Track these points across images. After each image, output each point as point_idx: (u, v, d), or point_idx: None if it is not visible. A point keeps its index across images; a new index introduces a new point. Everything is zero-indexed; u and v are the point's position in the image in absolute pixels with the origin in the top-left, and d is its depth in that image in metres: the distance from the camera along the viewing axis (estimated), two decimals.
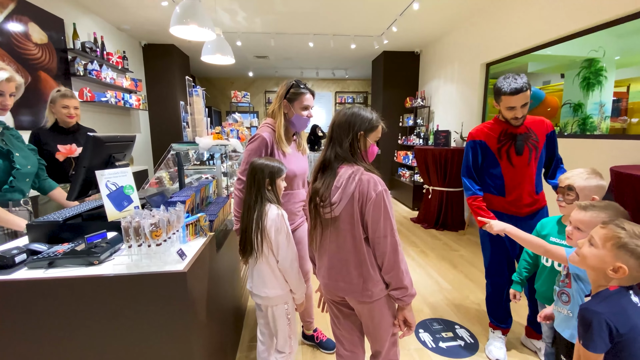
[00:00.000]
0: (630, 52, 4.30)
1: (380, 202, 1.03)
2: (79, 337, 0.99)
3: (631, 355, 0.85)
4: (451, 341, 1.91)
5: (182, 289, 1.01)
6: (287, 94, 1.56)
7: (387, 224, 1.05)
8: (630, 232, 0.85)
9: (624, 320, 0.85)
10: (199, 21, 2.15)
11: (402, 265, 1.07)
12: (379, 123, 1.15)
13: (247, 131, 3.62)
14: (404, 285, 1.07)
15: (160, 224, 1.00)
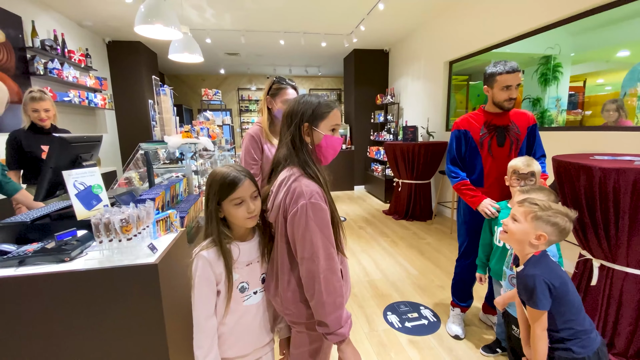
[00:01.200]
0: (584, 49, 4.68)
1: (302, 217, 0.85)
2: (52, 334, 1.02)
3: (568, 304, 1.01)
4: (416, 321, 2.07)
5: (154, 281, 1.06)
6: (269, 90, 1.64)
7: (306, 245, 0.86)
8: (542, 205, 1.02)
9: (555, 275, 1.01)
10: (165, 20, 2.15)
11: (324, 297, 0.85)
12: (329, 108, 0.96)
13: (219, 129, 3.63)
14: (324, 322, 0.87)
15: (130, 220, 1.05)
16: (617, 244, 1.67)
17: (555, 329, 1.02)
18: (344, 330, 0.87)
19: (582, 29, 3.00)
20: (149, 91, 5.84)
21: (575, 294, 1.04)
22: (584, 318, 1.04)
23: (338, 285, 0.87)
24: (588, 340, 1.01)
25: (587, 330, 1.03)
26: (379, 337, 1.92)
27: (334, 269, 0.87)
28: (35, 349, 1.01)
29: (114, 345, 1.06)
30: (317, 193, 0.88)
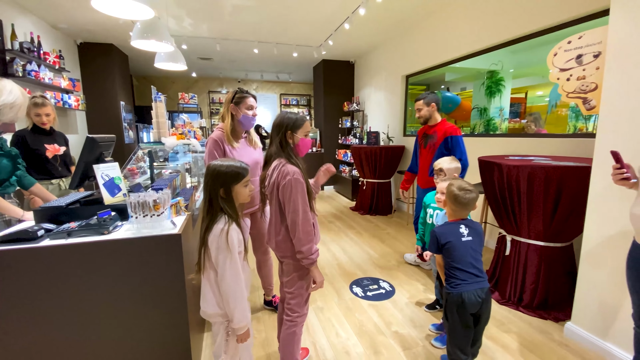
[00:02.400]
0: (521, 66, 5.49)
1: (288, 186, 1.32)
2: (96, 294, 1.31)
3: (455, 256, 1.47)
4: (376, 291, 2.53)
5: (178, 248, 1.39)
6: (233, 99, 1.89)
7: (291, 204, 1.32)
8: (452, 181, 1.51)
9: (444, 236, 1.48)
10: (158, 36, 2.44)
11: (301, 235, 1.32)
12: (303, 121, 1.44)
13: (201, 131, 3.89)
14: (301, 250, 1.34)
15: (159, 200, 1.38)
16: (520, 221, 2.23)
17: (445, 270, 1.51)
18: (313, 257, 1.37)
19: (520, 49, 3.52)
20: (122, 93, 5.89)
21: (461, 255, 1.46)
22: (463, 272, 1.46)
23: (309, 229, 1.36)
24: (458, 285, 1.45)
25: (460, 279, 1.46)
26: (346, 304, 2.35)
27: (307, 218, 1.36)
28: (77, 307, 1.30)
29: (146, 306, 1.38)
30: (298, 172, 1.35)
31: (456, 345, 1.49)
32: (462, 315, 1.45)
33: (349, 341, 1.93)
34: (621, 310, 1.71)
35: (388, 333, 2.01)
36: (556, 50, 2.10)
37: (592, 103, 1.94)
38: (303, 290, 1.48)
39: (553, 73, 2.14)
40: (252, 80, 9.28)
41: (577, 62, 1.99)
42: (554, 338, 1.96)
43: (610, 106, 1.69)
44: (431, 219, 2.06)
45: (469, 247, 1.49)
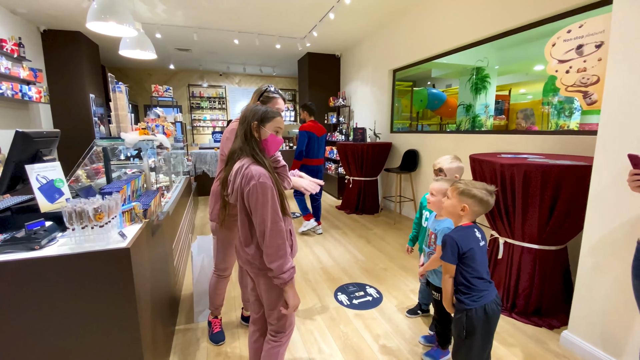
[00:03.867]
0: (506, 63, 5.39)
1: (254, 193, 1.12)
2: (25, 320, 1.08)
3: (475, 264, 1.31)
4: (362, 298, 2.36)
5: (127, 265, 1.17)
6: (260, 96, 1.74)
7: (258, 214, 1.13)
8: (464, 184, 1.33)
9: (466, 243, 1.30)
10: (119, 18, 2.17)
11: (270, 250, 1.13)
12: (275, 114, 1.25)
13: (173, 127, 3.61)
14: (270, 268, 1.14)
15: (102, 209, 1.14)
16: (514, 224, 2.10)
17: (459, 282, 1.33)
18: (285, 276, 1.15)
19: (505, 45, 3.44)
20: (91, 85, 5.49)
21: (481, 263, 1.34)
22: (480, 281, 1.34)
23: (281, 242, 1.15)
24: (480, 298, 1.32)
25: (481, 289, 1.33)
26: (330, 314, 2.17)
27: (278, 229, 1.15)
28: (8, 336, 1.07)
29: (87, 330, 1.15)
30: (264, 174, 1.15)
31: None
32: (487, 330, 1.30)
33: (332, 358, 1.75)
34: (626, 320, 1.59)
35: (375, 347, 1.84)
36: (554, 40, 1.96)
37: (594, 97, 1.81)
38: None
39: (551, 65, 2.00)
40: (234, 74, 8.94)
41: (578, 53, 1.85)
42: (550, 348, 1.84)
43: (613, 100, 1.55)
44: (426, 222, 1.90)
45: (484, 253, 1.35)
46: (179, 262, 2.52)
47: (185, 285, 2.54)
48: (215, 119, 8.92)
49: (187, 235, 3.17)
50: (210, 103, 8.85)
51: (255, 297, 1.37)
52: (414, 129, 5.76)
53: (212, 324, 1.93)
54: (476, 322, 1.30)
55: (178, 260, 2.48)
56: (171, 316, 2.01)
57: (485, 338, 1.33)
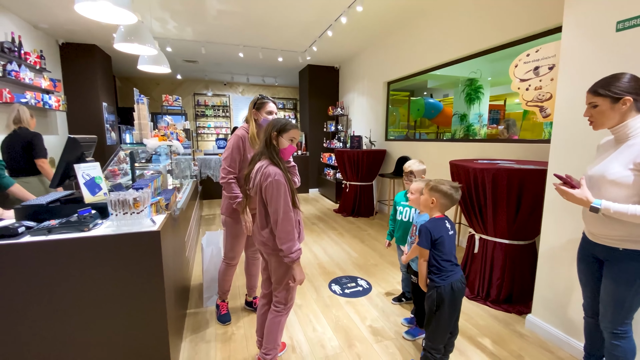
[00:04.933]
0: (498, 74, 5.73)
1: (270, 187, 1.40)
2: (75, 290, 1.35)
3: (444, 249, 1.58)
4: (354, 288, 2.62)
5: (157, 245, 1.45)
6: (255, 104, 2.00)
7: (273, 204, 1.41)
8: (434, 182, 1.62)
9: (437, 231, 1.58)
10: (141, 40, 2.49)
11: (282, 234, 1.40)
12: (291, 127, 1.51)
13: (183, 133, 3.92)
14: (281, 249, 1.43)
15: (139, 199, 1.43)
16: (487, 221, 2.38)
17: (431, 264, 1.61)
18: (293, 255, 1.44)
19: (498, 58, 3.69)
20: (104, 94, 5.83)
21: (449, 248, 1.60)
22: (448, 263, 1.59)
23: (289, 228, 1.42)
24: (448, 277, 1.59)
25: (449, 270, 1.60)
26: (324, 301, 2.43)
27: (288, 218, 1.42)
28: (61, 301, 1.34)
29: (126, 298, 1.42)
30: (279, 173, 1.43)
31: (439, 341, 1.60)
32: (453, 304, 1.57)
33: (324, 335, 2.01)
34: (574, 303, 1.86)
35: (362, 327, 2.10)
36: (517, 62, 2.27)
37: (548, 111, 2.11)
38: (289, 285, 1.56)
39: (514, 83, 2.31)
40: (238, 83, 9.31)
41: (535, 74, 2.16)
42: (516, 329, 2.10)
43: (562, 114, 1.85)
44: (400, 216, 2.17)
45: (452, 240, 1.62)
46: (190, 254, 2.79)
47: (194, 276, 2.80)
48: (219, 127, 9.26)
49: (196, 231, 3.44)
50: (215, 111, 9.21)
51: (267, 276, 1.67)
52: (412, 137, 6.06)
53: (220, 306, 2.20)
54: (444, 297, 1.57)
55: (189, 252, 2.75)
56: (184, 300, 2.28)
57: (452, 311, 1.59)
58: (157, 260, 1.46)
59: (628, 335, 1.40)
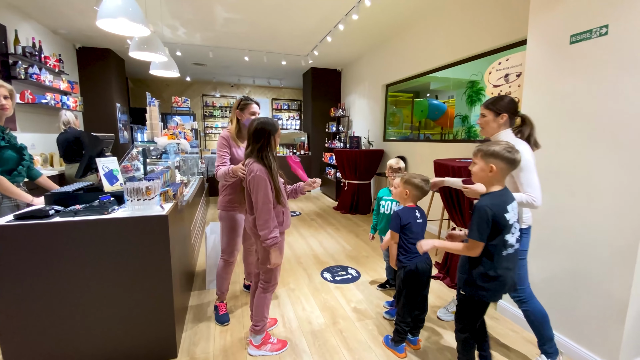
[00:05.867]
0: None
1: (252, 181, 1.62)
2: (96, 264, 1.61)
3: (411, 234, 1.80)
4: (344, 276, 2.85)
5: (165, 228, 1.70)
6: (238, 106, 2.15)
7: (254, 195, 1.63)
8: (408, 175, 1.84)
9: (406, 217, 1.80)
10: (154, 49, 2.76)
11: (260, 222, 1.62)
12: (279, 125, 1.77)
13: (191, 133, 4.20)
14: (259, 234, 1.64)
15: (151, 187, 1.69)
16: (464, 214, 2.58)
17: (400, 245, 1.83)
18: (268, 241, 1.64)
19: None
20: (118, 95, 6.17)
21: (416, 234, 1.83)
22: (414, 247, 1.79)
23: (267, 217, 1.62)
24: (413, 258, 1.81)
25: (413, 252, 1.82)
26: (315, 286, 2.67)
27: (266, 210, 1.63)
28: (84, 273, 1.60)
29: (139, 275, 1.67)
30: (261, 170, 1.63)
31: (407, 314, 1.82)
32: (418, 282, 1.78)
33: (312, 314, 2.25)
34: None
35: (347, 308, 2.33)
36: (490, 69, 2.47)
37: None
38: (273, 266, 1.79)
39: (488, 88, 2.50)
40: (245, 85, 9.61)
41: (505, 80, 2.36)
42: (489, 313, 2.29)
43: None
44: (383, 209, 2.40)
45: (421, 227, 1.84)
46: (195, 243, 3.05)
47: (199, 263, 3.07)
48: (226, 127, 9.57)
49: (202, 224, 3.71)
50: (222, 112, 9.52)
51: (257, 257, 1.89)
52: (415, 137, 6.24)
53: (219, 307, 2.22)
54: (409, 275, 1.79)
55: (194, 240, 3.01)
56: (189, 282, 2.53)
57: (417, 287, 1.81)
58: (165, 241, 1.71)
59: (529, 299, 1.69)
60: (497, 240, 1.36)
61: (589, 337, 1.75)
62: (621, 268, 1.58)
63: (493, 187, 1.41)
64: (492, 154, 1.37)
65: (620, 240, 1.58)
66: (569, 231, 1.82)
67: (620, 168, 1.58)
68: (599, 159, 1.67)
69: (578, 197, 1.77)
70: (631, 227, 1.53)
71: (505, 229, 1.36)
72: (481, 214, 1.33)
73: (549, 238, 1.94)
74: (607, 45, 1.60)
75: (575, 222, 1.79)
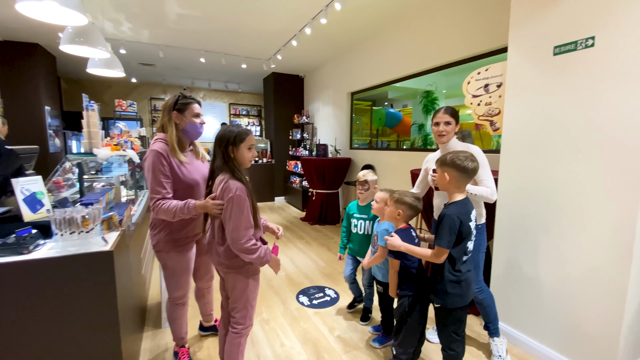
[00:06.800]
0: (452, 88, 6.09)
1: (230, 203, 1.33)
2: (15, 318, 1.20)
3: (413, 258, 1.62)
4: (321, 298, 2.61)
5: (110, 266, 1.33)
6: (175, 105, 1.61)
7: (233, 220, 1.32)
8: (398, 193, 1.66)
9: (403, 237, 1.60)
10: (92, 42, 2.31)
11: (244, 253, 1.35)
12: (246, 134, 1.43)
13: (139, 141, 3.70)
14: (251, 262, 1.40)
15: (88, 216, 1.31)
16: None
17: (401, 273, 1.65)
18: (265, 260, 1.42)
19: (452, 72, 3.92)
20: (47, 97, 5.34)
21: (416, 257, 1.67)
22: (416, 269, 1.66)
23: (249, 245, 1.35)
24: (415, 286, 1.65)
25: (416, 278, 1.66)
26: (292, 314, 2.39)
27: (250, 235, 1.36)
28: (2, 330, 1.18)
29: (73, 327, 1.29)
30: (240, 189, 1.35)
31: (409, 347, 1.64)
32: (423, 312, 1.63)
33: (293, 350, 1.97)
34: (518, 296, 2.01)
35: (331, 338, 2.09)
36: (469, 79, 2.45)
37: (497, 125, 2.29)
38: (248, 303, 1.49)
39: (467, 98, 2.48)
40: (199, 88, 9.00)
41: (485, 90, 2.35)
42: None
43: (509, 128, 2.01)
44: (355, 229, 2.19)
45: None
46: (146, 272, 2.61)
47: (151, 295, 2.62)
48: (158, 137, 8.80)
49: None
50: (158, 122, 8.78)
51: (225, 295, 1.59)
52: (374, 145, 6.24)
53: (179, 354, 1.83)
54: (415, 305, 1.61)
55: (145, 270, 2.57)
56: (140, 321, 2.11)
57: (421, 317, 1.64)
58: (109, 283, 1.34)
59: (484, 288, 1.87)
60: (460, 247, 1.44)
61: None
62: (614, 269, 1.56)
63: (456, 196, 1.47)
64: (446, 162, 1.46)
65: (607, 242, 1.56)
66: (555, 238, 1.79)
67: (602, 177, 1.56)
68: (581, 167, 1.65)
69: (561, 205, 1.74)
70: (616, 231, 1.52)
71: (468, 236, 1.44)
72: (451, 222, 1.39)
73: (535, 247, 1.90)
74: (593, 57, 1.59)
75: (560, 230, 1.76)
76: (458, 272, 1.46)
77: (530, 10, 1.86)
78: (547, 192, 1.82)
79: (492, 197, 1.70)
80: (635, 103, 1.46)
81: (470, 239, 1.48)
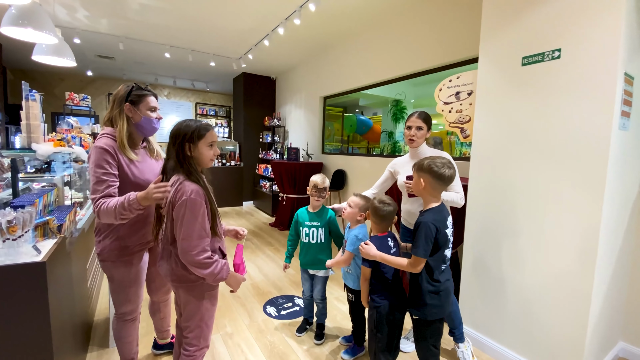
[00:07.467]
0: (420, 97, 6.24)
1: (182, 207, 1.16)
2: None
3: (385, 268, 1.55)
4: (290, 308, 2.49)
5: (42, 280, 1.13)
6: (128, 96, 1.45)
7: (184, 227, 1.16)
8: (377, 199, 1.59)
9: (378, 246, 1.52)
10: (38, 25, 2.05)
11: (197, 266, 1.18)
12: (206, 130, 1.26)
13: (91, 138, 3.37)
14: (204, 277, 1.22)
15: (15, 221, 1.11)
16: None
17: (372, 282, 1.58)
18: (220, 277, 1.25)
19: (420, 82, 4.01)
20: None
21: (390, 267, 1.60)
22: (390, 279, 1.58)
23: (202, 258, 1.19)
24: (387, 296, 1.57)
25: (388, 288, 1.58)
26: (258, 326, 2.24)
27: (203, 246, 1.19)
28: None
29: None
30: (196, 192, 1.19)
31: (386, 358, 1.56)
32: (395, 322, 1.55)
33: None
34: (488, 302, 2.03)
35: (300, 352, 1.97)
36: (441, 86, 2.48)
37: (467, 132, 2.33)
38: (202, 322, 1.32)
39: (439, 105, 2.51)
40: (163, 86, 8.54)
41: (456, 98, 2.38)
42: None
43: (479, 135, 2.04)
44: (307, 238, 2.05)
45: None
46: (93, 285, 2.34)
47: (99, 310, 2.35)
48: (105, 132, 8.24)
49: None
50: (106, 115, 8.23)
51: (179, 312, 1.41)
52: (345, 150, 6.25)
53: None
54: (386, 316, 1.54)
55: (92, 282, 2.30)
56: (84, 341, 1.86)
57: (394, 328, 1.57)
58: (41, 299, 1.14)
59: None
60: (437, 255, 1.40)
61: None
62: (579, 274, 1.60)
63: (431, 202, 1.44)
64: (422, 168, 1.42)
65: (572, 248, 1.60)
66: (522, 244, 1.82)
67: (566, 185, 1.62)
68: (547, 176, 1.70)
69: (528, 212, 1.78)
70: (580, 237, 1.56)
71: (445, 244, 1.41)
72: (427, 230, 1.35)
73: (503, 252, 1.92)
74: (559, 69, 1.64)
75: (527, 236, 1.79)
76: (437, 281, 1.42)
77: (500, 21, 1.90)
78: (515, 199, 1.85)
79: (461, 202, 1.76)
80: (597, 114, 1.52)
81: (448, 247, 1.44)
